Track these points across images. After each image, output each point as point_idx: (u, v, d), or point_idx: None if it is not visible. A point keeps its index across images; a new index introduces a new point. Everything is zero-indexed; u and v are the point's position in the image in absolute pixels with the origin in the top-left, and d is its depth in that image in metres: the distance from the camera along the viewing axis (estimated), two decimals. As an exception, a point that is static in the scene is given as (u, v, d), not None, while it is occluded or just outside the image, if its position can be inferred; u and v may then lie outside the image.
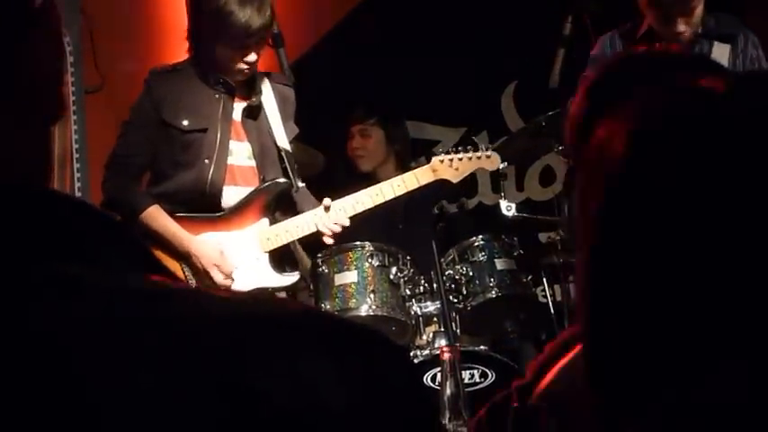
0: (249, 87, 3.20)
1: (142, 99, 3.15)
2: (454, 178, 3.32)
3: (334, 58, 5.23)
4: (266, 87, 3.23)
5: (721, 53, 3.11)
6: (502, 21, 5.20)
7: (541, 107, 3.62)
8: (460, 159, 3.32)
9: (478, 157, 3.35)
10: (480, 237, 3.63)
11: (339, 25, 5.37)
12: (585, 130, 0.92)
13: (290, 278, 3.16)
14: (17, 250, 0.57)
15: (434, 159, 3.31)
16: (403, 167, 4.02)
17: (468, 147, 3.36)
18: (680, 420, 0.77)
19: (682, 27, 3.03)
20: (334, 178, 4.08)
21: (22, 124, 0.67)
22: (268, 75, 3.32)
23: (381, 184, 3.28)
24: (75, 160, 3.57)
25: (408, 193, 3.27)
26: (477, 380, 3.24)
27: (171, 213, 3.07)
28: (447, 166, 3.29)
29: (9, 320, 0.53)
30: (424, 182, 3.29)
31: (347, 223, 3.17)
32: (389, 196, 3.24)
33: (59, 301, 0.55)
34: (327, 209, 3.18)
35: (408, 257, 3.56)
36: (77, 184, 3.45)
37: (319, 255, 3.59)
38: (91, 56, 4.48)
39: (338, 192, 3.43)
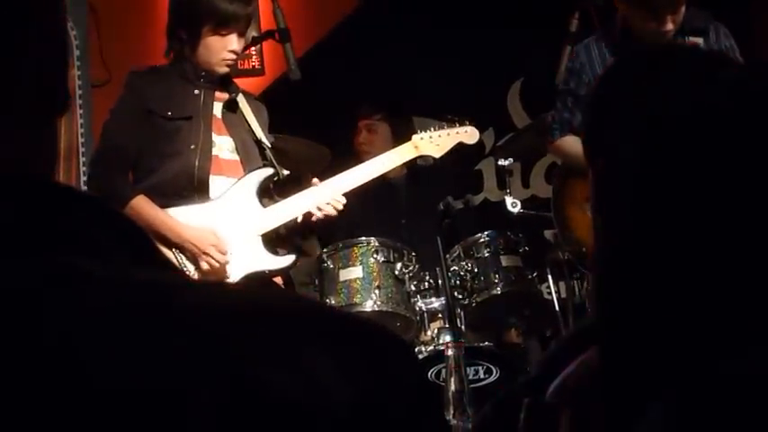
0: (226, 85, 3.23)
1: (124, 96, 3.15)
2: (437, 153, 3.44)
3: (340, 54, 5.23)
4: (240, 93, 3.27)
5: None
6: (508, 17, 5.19)
7: (548, 104, 3.61)
8: (440, 136, 3.45)
9: (457, 133, 3.47)
10: (486, 233, 3.63)
11: (345, 20, 5.37)
12: (597, 140, 0.91)
13: (286, 260, 3.15)
14: (20, 242, 0.57)
15: (414, 137, 3.43)
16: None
17: (445, 124, 3.51)
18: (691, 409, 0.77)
19: (669, 25, 3.01)
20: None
21: (25, 117, 0.67)
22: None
23: (365, 163, 3.37)
24: (81, 154, 3.57)
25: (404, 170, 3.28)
26: (482, 376, 3.24)
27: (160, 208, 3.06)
28: (428, 143, 3.43)
29: (13, 313, 0.53)
30: (406, 158, 3.43)
31: (342, 200, 3.21)
32: (374, 174, 3.32)
33: (65, 294, 0.55)
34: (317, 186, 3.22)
35: (413, 253, 3.56)
36: (83, 178, 3.45)
37: (325, 250, 3.60)
38: (98, 50, 4.49)
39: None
